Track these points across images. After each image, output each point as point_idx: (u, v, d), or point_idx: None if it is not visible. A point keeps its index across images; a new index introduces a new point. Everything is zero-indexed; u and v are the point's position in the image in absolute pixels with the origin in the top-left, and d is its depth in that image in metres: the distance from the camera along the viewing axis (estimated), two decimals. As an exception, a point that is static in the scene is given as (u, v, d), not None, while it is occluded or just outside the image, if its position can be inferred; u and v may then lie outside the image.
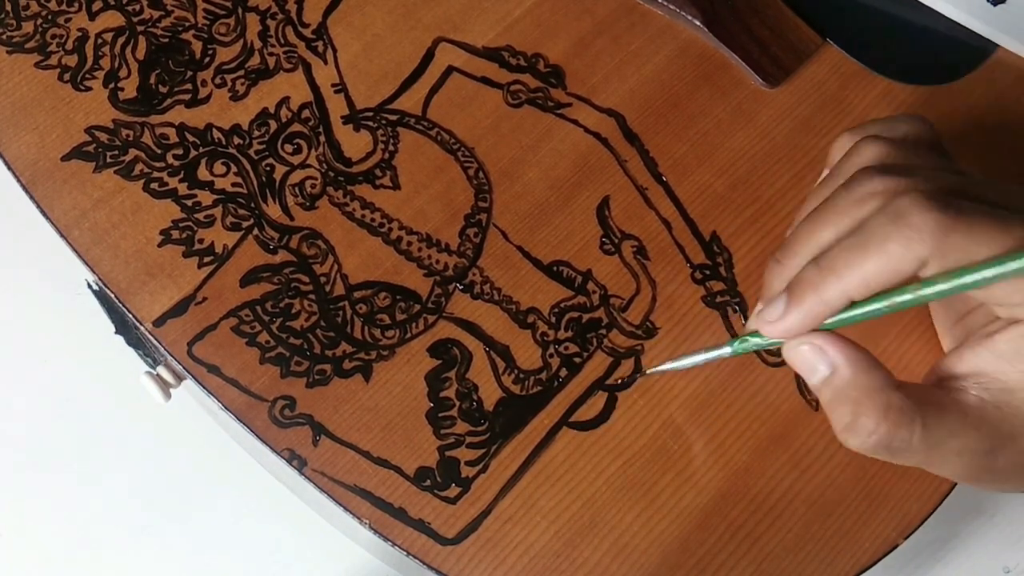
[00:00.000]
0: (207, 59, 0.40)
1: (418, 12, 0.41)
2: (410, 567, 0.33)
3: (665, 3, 0.41)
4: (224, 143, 0.38)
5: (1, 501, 0.50)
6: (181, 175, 0.38)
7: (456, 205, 0.38)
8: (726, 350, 0.30)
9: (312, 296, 0.36)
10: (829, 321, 0.27)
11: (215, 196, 0.37)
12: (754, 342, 0.29)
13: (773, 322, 0.28)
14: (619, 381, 0.34)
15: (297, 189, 0.38)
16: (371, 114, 0.39)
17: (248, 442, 0.37)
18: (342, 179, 0.38)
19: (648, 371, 0.33)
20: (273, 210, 0.37)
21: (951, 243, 0.25)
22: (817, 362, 0.27)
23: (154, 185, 0.38)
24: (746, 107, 0.40)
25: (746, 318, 0.36)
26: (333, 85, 0.40)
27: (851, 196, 0.27)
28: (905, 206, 0.25)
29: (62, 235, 0.37)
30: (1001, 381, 0.27)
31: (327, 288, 0.36)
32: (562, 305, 0.36)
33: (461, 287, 0.36)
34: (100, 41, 0.40)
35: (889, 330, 0.35)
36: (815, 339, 0.27)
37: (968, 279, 0.25)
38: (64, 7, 0.41)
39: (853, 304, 0.27)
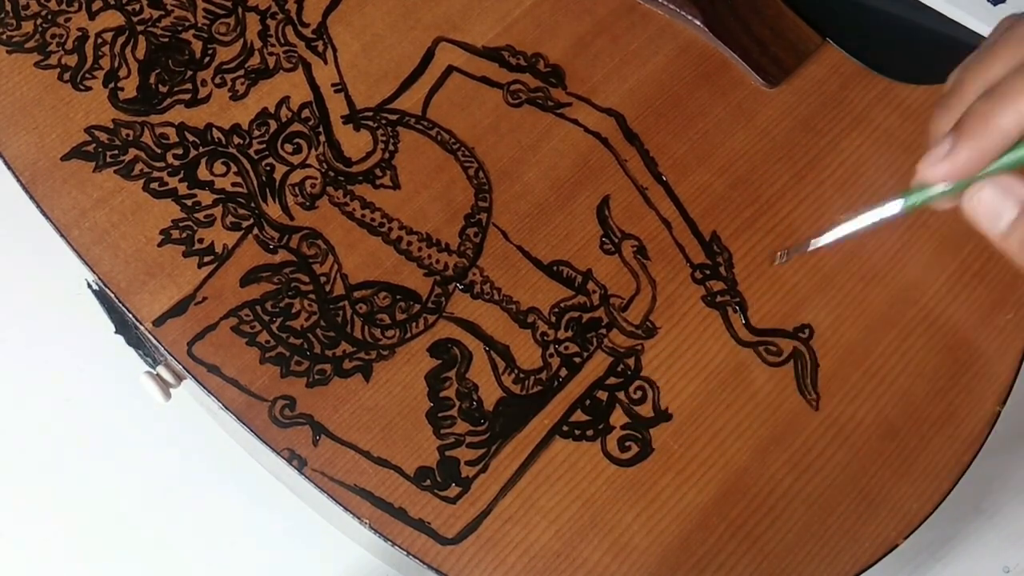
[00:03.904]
0: (207, 59, 0.40)
1: (418, 12, 0.41)
2: (410, 567, 0.33)
3: (665, 3, 0.41)
4: (224, 143, 0.38)
5: (1, 501, 0.50)
6: (181, 175, 0.38)
7: (456, 205, 0.38)
8: (897, 202, 0.27)
9: (312, 296, 0.36)
10: (992, 166, 0.25)
11: (215, 196, 0.37)
12: (922, 194, 0.26)
13: (942, 159, 0.25)
14: (785, 253, 0.33)
15: (297, 189, 0.38)
16: (371, 114, 0.39)
17: (248, 442, 0.37)
18: (342, 179, 0.38)
19: (814, 243, 0.30)
20: (273, 210, 0.37)
21: None
22: (1002, 205, 0.25)
23: (154, 185, 0.38)
24: (746, 107, 0.40)
25: (746, 318, 0.36)
26: (333, 85, 0.40)
27: (1016, 35, 0.25)
28: None
29: (62, 235, 0.37)
30: None
31: (327, 288, 0.36)
32: (562, 305, 0.36)
33: (461, 287, 0.36)
34: (100, 41, 0.40)
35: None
36: (998, 178, 0.25)
37: None
38: (64, 7, 0.41)
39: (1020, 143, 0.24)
